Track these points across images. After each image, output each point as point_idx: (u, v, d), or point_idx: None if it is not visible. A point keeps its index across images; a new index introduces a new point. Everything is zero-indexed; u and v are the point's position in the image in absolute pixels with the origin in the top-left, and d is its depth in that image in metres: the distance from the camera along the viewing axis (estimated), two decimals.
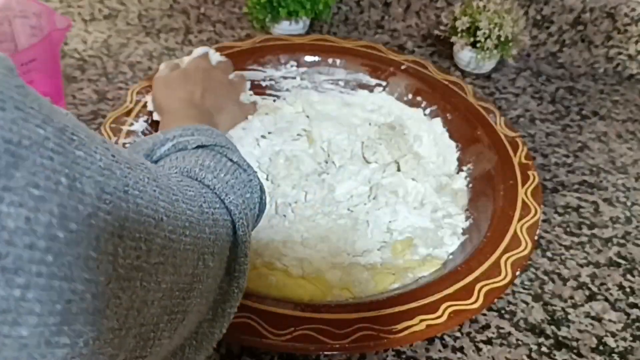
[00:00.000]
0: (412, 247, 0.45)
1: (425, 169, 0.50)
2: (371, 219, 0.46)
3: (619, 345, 0.41)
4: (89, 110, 0.57)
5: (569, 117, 0.63)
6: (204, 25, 0.72)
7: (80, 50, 0.65)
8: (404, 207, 0.47)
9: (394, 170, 0.50)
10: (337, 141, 0.51)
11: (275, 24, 0.69)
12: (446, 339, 0.40)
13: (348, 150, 0.51)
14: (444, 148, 0.53)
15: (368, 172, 0.49)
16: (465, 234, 0.46)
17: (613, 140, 0.61)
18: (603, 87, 0.68)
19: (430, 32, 0.72)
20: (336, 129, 0.52)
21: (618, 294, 0.45)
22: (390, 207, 0.47)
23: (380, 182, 0.49)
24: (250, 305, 0.36)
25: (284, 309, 0.36)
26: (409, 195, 0.48)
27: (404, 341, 0.36)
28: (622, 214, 0.52)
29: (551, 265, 0.47)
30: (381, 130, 0.53)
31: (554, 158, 0.58)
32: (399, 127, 0.54)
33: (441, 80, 0.58)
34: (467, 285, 0.39)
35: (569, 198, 0.53)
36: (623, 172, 0.57)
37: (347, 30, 0.74)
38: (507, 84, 0.67)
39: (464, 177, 0.50)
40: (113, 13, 0.72)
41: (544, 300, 0.44)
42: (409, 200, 0.47)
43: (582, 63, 0.71)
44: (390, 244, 0.45)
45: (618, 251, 0.49)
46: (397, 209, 0.46)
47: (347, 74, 0.60)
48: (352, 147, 0.51)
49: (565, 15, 0.68)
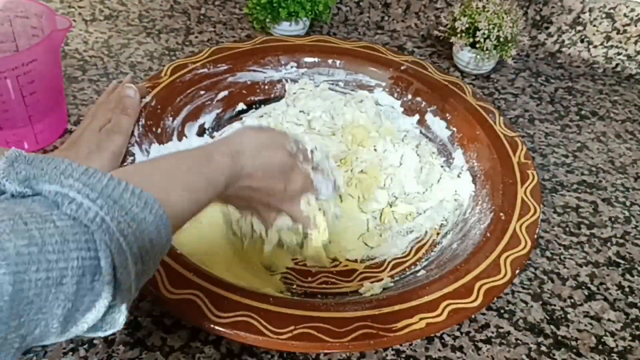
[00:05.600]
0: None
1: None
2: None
3: (618, 344, 0.41)
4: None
5: (568, 117, 0.63)
6: (204, 25, 0.72)
7: (81, 51, 0.65)
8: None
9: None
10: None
11: (276, 25, 0.69)
12: (445, 338, 0.41)
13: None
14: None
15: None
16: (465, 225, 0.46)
17: (612, 140, 0.61)
18: (602, 87, 0.68)
19: (429, 32, 0.73)
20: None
21: (617, 293, 0.45)
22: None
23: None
24: (250, 304, 0.36)
25: (284, 308, 0.36)
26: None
27: (403, 339, 0.36)
28: (621, 213, 0.52)
29: (550, 265, 0.47)
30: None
31: (553, 158, 0.58)
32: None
33: (441, 80, 0.58)
34: (466, 284, 0.39)
35: (568, 198, 0.53)
36: (622, 172, 0.57)
37: (347, 31, 0.74)
38: (507, 84, 0.67)
39: (465, 176, 0.51)
40: (114, 13, 0.72)
41: (543, 300, 0.44)
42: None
43: (581, 63, 0.71)
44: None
45: (617, 251, 0.49)
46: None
47: (347, 74, 0.60)
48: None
49: (565, 16, 0.68)
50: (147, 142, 0.50)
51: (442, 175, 0.51)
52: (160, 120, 0.52)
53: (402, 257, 0.45)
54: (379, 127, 0.55)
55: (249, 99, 0.58)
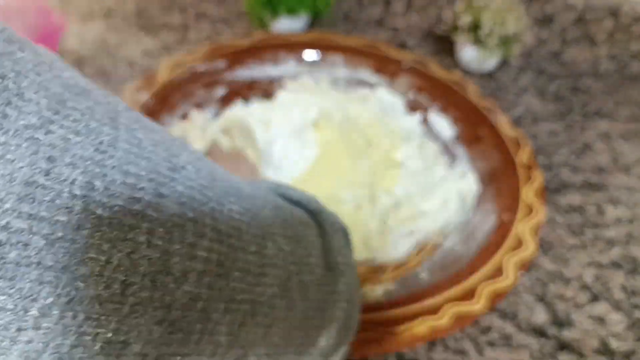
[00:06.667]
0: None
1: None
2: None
3: (622, 346, 0.41)
4: None
5: (571, 116, 0.63)
6: (202, 23, 0.71)
7: (77, 49, 0.64)
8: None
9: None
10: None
11: (275, 22, 0.68)
12: (448, 341, 0.40)
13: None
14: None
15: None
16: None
17: (616, 139, 0.60)
18: (606, 86, 0.68)
19: (431, 30, 0.72)
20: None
21: (621, 295, 0.45)
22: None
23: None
24: None
25: None
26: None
27: (405, 343, 0.35)
28: (625, 214, 0.52)
29: (554, 266, 0.46)
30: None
31: (557, 158, 0.57)
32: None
33: (443, 78, 0.57)
34: (469, 287, 0.38)
35: (572, 198, 0.53)
36: (626, 172, 0.56)
37: (347, 27, 0.73)
38: (509, 82, 0.67)
39: (468, 176, 0.50)
40: (110, 11, 0.71)
41: (546, 301, 0.43)
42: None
43: (584, 62, 0.70)
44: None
45: (621, 252, 0.48)
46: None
47: (347, 72, 0.60)
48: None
49: (568, 14, 0.68)
50: None
51: (444, 175, 0.50)
52: (157, 117, 0.51)
53: (404, 259, 0.45)
54: (385, 125, 0.54)
55: (248, 96, 0.58)
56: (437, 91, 0.56)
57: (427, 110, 0.56)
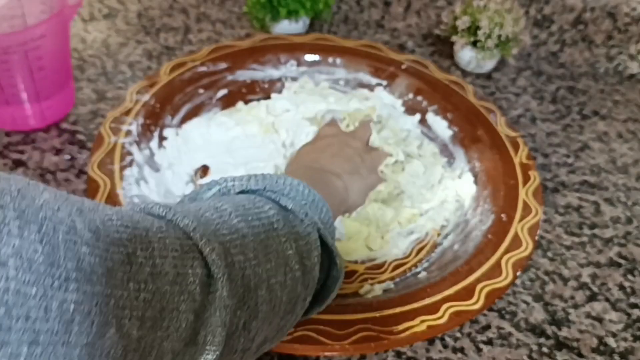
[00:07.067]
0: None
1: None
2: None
3: (620, 345, 0.41)
4: (88, 110, 0.56)
5: (569, 117, 0.63)
6: (203, 24, 0.71)
7: (79, 50, 0.65)
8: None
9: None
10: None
11: (275, 23, 0.68)
12: (446, 340, 0.40)
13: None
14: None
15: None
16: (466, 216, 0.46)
17: (614, 140, 0.61)
18: (604, 87, 0.68)
19: (430, 31, 0.72)
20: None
21: (619, 294, 0.45)
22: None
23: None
24: None
25: None
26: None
27: (404, 342, 0.36)
28: (622, 214, 0.52)
29: (552, 266, 0.47)
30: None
31: (555, 158, 0.58)
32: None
33: (442, 79, 0.57)
34: (468, 286, 0.39)
35: (570, 198, 0.53)
36: (624, 172, 0.57)
37: (347, 29, 0.74)
38: (508, 83, 0.67)
39: (466, 176, 0.50)
40: (112, 12, 0.72)
41: (544, 301, 0.44)
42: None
43: (582, 62, 0.71)
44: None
45: (619, 251, 0.49)
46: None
47: (347, 73, 0.60)
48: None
49: (566, 15, 0.68)
50: (145, 141, 0.50)
51: (443, 175, 0.50)
52: (159, 119, 0.52)
53: (403, 258, 0.45)
54: (386, 123, 0.54)
55: (248, 98, 0.58)
56: (436, 92, 0.56)
57: (426, 111, 0.56)
